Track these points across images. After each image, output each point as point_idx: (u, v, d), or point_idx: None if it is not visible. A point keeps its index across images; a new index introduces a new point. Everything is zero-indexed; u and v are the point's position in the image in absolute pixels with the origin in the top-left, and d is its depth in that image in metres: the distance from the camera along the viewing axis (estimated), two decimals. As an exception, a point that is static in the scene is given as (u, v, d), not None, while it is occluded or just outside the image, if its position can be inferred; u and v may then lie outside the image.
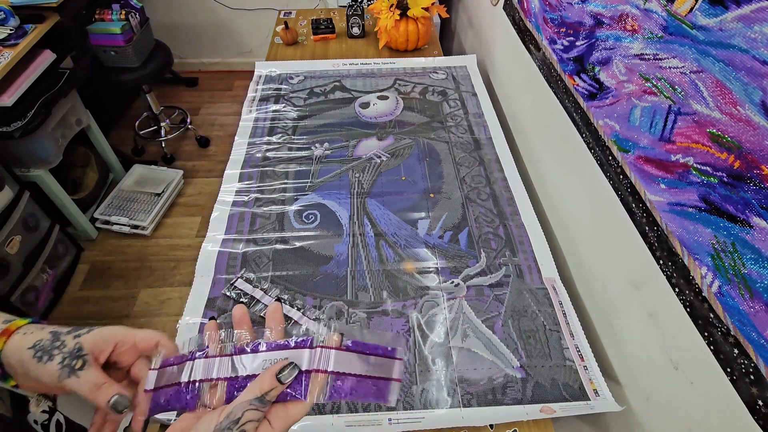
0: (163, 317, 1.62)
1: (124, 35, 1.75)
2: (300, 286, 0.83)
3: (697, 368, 0.56)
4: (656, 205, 0.60)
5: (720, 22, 0.49)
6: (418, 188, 1.02)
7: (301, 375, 0.36)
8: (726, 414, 0.51)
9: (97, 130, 1.87)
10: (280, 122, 1.19)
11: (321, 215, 0.96)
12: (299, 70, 1.38)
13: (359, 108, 1.24)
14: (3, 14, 1.38)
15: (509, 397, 0.69)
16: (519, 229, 0.93)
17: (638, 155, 0.64)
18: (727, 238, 0.49)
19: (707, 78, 0.51)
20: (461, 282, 0.84)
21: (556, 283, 0.85)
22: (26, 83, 1.38)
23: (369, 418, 0.67)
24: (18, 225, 1.43)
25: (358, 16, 1.53)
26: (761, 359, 0.45)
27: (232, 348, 0.39)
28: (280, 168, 1.06)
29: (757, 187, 0.45)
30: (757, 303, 0.45)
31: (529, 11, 1.03)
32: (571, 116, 0.84)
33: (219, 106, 2.55)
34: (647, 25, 0.61)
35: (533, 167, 1.09)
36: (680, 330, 0.57)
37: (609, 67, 0.70)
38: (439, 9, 1.46)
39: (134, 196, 1.93)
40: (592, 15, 0.75)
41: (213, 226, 0.94)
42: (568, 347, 0.75)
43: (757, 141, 0.45)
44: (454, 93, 1.30)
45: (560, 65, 0.87)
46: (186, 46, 2.62)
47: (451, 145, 1.13)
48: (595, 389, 0.70)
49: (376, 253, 0.89)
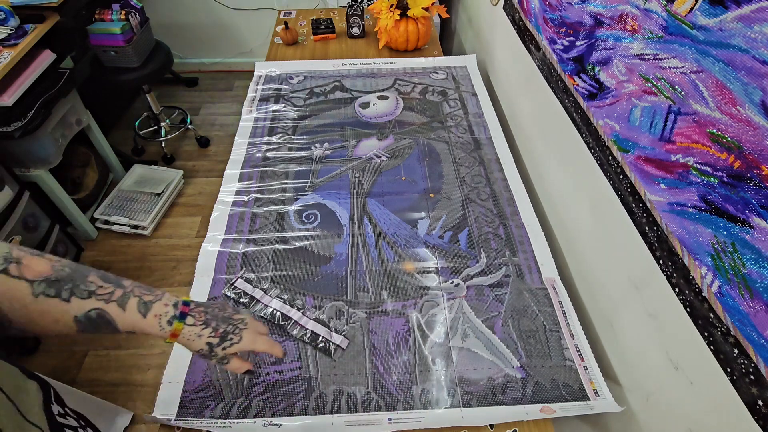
0: (163, 317, 1.62)
1: (124, 35, 1.74)
2: (300, 286, 0.83)
3: (697, 368, 0.56)
4: (656, 205, 0.60)
5: (720, 22, 0.49)
6: (418, 188, 1.02)
7: None
8: (726, 414, 0.51)
9: (97, 130, 1.87)
10: (280, 122, 1.19)
11: (321, 215, 0.96)
12: (299, 70, 1.38)
13: (359, 108, 1.24)
14: (3, 14, 1.38)
15: (509, 397, 0.69)
16: (519, 229, 0.93)
17: (638, 155, 0.64)
18: (727, 238, 0.49)
19: (707, 78, 0.51)
20: (461, 282, 0.84)
21: (556, 283, 0.85)
22: (26, 83, 1.38)
23: (369, 418, 0.67)
24: (18, 225, 1.43)
25: (358, 16, 1.53)
26: (761, 359, 0.45)
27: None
28: (280, 168, 1.06)
29: (757, 187, 0.45)
30: (757, 303, 0.45)
31: (529, 11, 1.03)
32: (571, 116, 0.84)
33: (219, 106, 2.55)
34: (647, 25, 0.61)
35: (533, 167, 1.09)
36: (680, 330, 0.57)
37: (609, 67, 0.70)
38: (439, 9, 1.46)
39: (134, 196, 1.93)
40: (592, 15, 0.75)
41: (213, 226, 0.94)
42: (568, 347, 0.75)
43: (757, 141, 0.45)
44: (454, 93, 1.30)
45: (560, 65, 0.87)
46: (186, 46, 2.62)
47: (451, 145, 1.13)
48: (595, 389, 0.70)
49: (376, 253, 0.89)
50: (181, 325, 0.52)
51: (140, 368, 1.47)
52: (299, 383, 0.71)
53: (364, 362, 0.73)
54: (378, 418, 0.67)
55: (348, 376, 0.71)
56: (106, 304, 0.47)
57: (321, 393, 0.70)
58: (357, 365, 0.73)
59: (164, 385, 0.70)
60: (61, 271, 0.45)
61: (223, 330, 0.55)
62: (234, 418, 0.67)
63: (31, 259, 0.44)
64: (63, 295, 0.44)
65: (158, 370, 1.46)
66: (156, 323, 0.50)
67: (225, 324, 0.55)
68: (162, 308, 0.51)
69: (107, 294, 0.47)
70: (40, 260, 0.45)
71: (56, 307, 0.44)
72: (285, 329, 0.77)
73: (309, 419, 0.67)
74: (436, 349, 0.75)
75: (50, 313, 0.44)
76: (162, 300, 0.51)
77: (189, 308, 0.53)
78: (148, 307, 0.50)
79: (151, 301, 0.50)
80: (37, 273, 0.44)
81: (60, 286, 0.44)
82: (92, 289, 0.46)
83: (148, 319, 0.49)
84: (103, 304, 0.47)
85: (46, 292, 0.44)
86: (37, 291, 0.43)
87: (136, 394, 1.42)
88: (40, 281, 0.44)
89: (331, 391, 0.70)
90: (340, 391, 0.70)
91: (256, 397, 0.69)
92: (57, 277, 0.45)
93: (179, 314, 0.52)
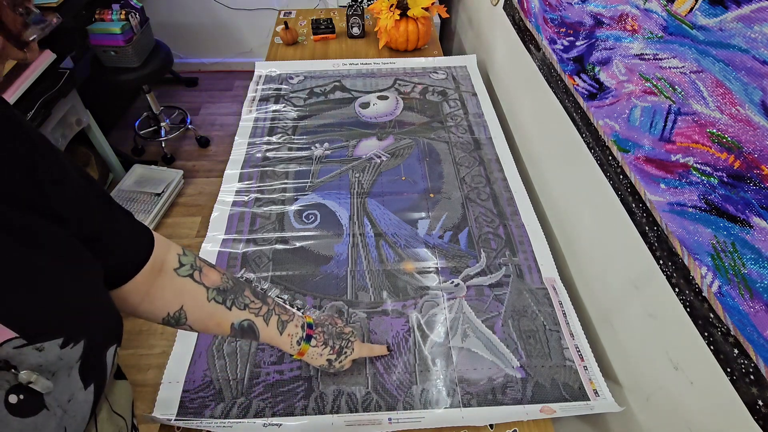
0: (163, 317, 1.62)
1: (124, 35, 1.74)
2: (300, 286, 0.83)
3: (697, 368, 0.56)
4: (656, 205, 0.60)
5: (720, 22, 0.49)
6: (418, 188, 1.02)
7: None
8: (726, 414, 0.51)
9: (97, 130, 1.87)
10: (280, 122, 1.19)
11: (321, 215, 0.96)
12: (299, 70, 1.38)
13: (359, 108, 1.24)
14: (3, 14, 1.38)
15: (509, 397, 0.69)
16: (519, 229, 0.93)
17: (638, 155, 0.64)
18: (727, 238, 0.49)
19: (707, 78, 0.51)
20: (461, 282, 0.84)
21: (556, 283, 0.85)
22: (26, 83, 1.38)
23: (369, 418, 0.67)
24: (18, 225, 1.42)
25: (358, 16, 1.53)
26: (761, 359, 0.45)
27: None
28: (280, 168, 1.06)
29: (757, 187, 0.45)
30: (757, 303, 0.45)
31: (529, 11, 1.03)
32: (571, 116, 0.84)
33: (219, 106, 2.55)
34: (647, 25, 0.61)
35: (533, 167, 1.09)
36: (680, 330, 0.57)
37: (609, 67, 0.70)
38: (439, 9, 1.46)
39: (134, 196, 1.93)
40: (592, 15, 0.75)
41: (213, 226, 0.94)
42: (568, 347, 0.75)
43: (757, 141, 0.45)
44: (454, 93, 1.30)
45: (560, 65, 0.87)
46: (186, 46, 2.62)
47: (451, 145, 1.13)
48: (595, 389, 0.70)
49: (376, 253, 0.89)
50: (308, 347, 0.61)
51: (140, 368, 1.47)
52: (299, 383, 0.71)
53: (364, 362, 0.73)
54: (378, 418, 0.67)
55: (348, 376, 0.71)
56: (256, 317, 0.56)
57: (321, 393, 0.70)
58: (357, 365, 0.73)
59: (164, 385, 0.70)
60: (227, 282, 0.54)
61: (339, 346, 0.64)
62: (234, 418, 0.67)
63: (209, 269, 0.53)
64: (227, 304, 0.53)
65: (158, 370, 1.46)
66: (288, 341, 0.59)
67: (339, 340, 0.64)
68: (294, 329, 0.60)
69: (257, 308, 0.56)
70: (214, 271, 0.53)
71: (221, 313, 0.53)
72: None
73: (309, 419, 0.67)
74: (436, 349, 0.75)
75: (215, 317, 0.53)
76: (293, 321, 0.60)
77: (313, 331, 0.62)
78: (284, 326, 0.59)
79: (287, 321, 0.59)
80: (213, 281, 0.52)
81: (226, 296, 0.53)
82: (247, 302, 0.55)
83: (283, 337, 0.59)
84: (254, 316, 0.56)
85: (217, 299, 0.52)
86: (210, 296, 0.52)
87: (136, 394, 1.41)
88: (214, 288, 0.52)
89: (331, 391, 0.70)
90: (340, 391, 0.70)
91: (256, 397, 0.69)
92: (224, 288, 0.53)
93: (306, 336, 0.61)
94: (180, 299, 0.50)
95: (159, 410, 0.67)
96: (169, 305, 0.50)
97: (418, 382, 0.71)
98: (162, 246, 0.49)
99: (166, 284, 0.49)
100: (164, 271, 0.49)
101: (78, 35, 1.72)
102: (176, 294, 0.50)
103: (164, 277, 0.49)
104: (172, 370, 0.72)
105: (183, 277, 0.50)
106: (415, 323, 0.78)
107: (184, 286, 0.50)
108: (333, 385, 0.71)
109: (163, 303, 0.50)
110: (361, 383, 0.71)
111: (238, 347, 0.75)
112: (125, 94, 2.48)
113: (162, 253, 0.49)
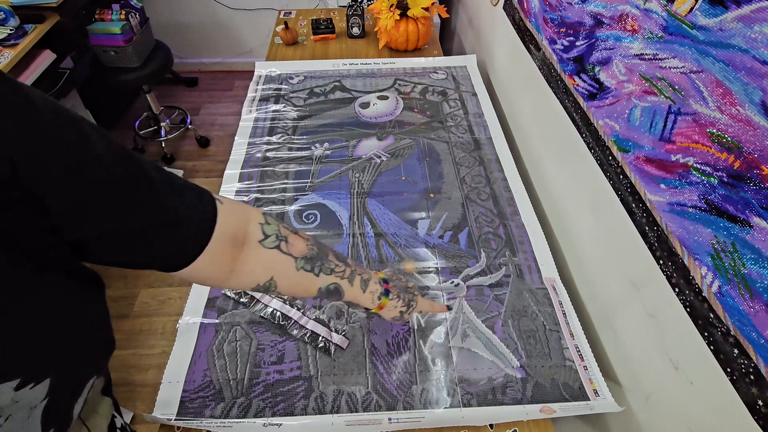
0: (163, 317, 1.62)
1: (124, 35, 1.74)
2: (300, 286, 0.83)
3: (697, 368, 0.56)
4: (656, 205, 0.60)
5: (720, 22, 0.49)
6: (418, 188, 1.02)
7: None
8: (726, 414, 0.51)
9: (97, 130, 1.87)
10: (280, 122, 1.19)
11: (321, 215, 0.96)
12: (299, 70, 1.38)
13: (359, 108, 1.24)
14: (3, 14, 1.38)
15: (509, 397, 0.69)
16: (519, 229, 0.93)
17: (638, 155, 0.64)
18: (727, 238, 0.49)
19: (707, 78, 0.51)
20: (461, 282, 0.84)
21: (556, 283, 0.85)
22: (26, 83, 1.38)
23: (369, 418, 0.67)
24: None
25: (358, 16, 1.53)
26: (761, 359, 0.45)
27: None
28: (280, 168, 1.06)
29: (757, 187, 0.45)
30: (757, 303, 0.45)
31: (529, 11, 1.03)
32: (571, 116, 0.84)
33: (219, 106, 2.55)
34: (647, 25, 0.61)
35: (533, 167, 1.09)
36: (680, 330, 0.57)
37: (609, 67, 0.70)
38: (439, 9, 1.46)
39: (134, 196, 1.93)
40: (592, 15, 0.75)
41: (213, 226, 0.93)
42: (568, 347, 0.75)
43: (757, 141, 0.45)
44: (454, 93, 1.30)
45: (560, 65, 0.87)
46: (186, 46, 2.62)
47: (451, 145, 1.13)
48: (595, 389, 0.70)
49: (376, 253, 0.89)
50: (387, 300, 0.63)
51: (140, 368, 1.47)
52: (299, 383, 0.71)
53: (364, 362, 0.73)
54: (378, 418, 0.67)
55: (348, 376, 0.71)
56: (341, 280, 0.57)
57: (321, 393, 0.70)
58: (357, 365, 0.73)
59: (164, 385, 0.70)
60: (312, 249, 0.53)
61: (408, 299, 0.66)
62: (234, 417, 0.67)
63: (294, 238, 0.52)
64: (315, 271, 0.53)
65: (158, 370, 1.46)
66: (370, 298, 0.61)
67: (407, 294, 0.66)
68: (374, 286, 0.61)
69: (342, 271, 0.57)
70: (299, 239, 0.52)
71: (309, 279, 0.53)
72: (285, 329, 0.77)
73: (309, 419, 0.67)
74: (436, 349, 0.75)
75: (303, 284, 0.53)
76: (373, 279, 0.62)
77: (388, 285, 0.64)
78: (366, 284, 0.60)
79: (368, 279, 0.61)
80: (299, 251, 0.51)
81: (313, 263, 0.53)
82: (332, 267, 0.55)
83: (366, 294, 0.60)
84: (339, 279, 0.56)
85: (305, 267, 0.52)
86: (299, 266, 0.51)
87: (136, 394, 1.42)
88: (301, 258, 0.51)
89: (331, 391, 0.70)
90: (340, 391, 0.70)
91: (256, 397, 0.69)
92: (311, 256, 0.53)
93: (384, 291, 0.63)
94: (269, 271, 0.49)
95: (159, 410, 0.67)
96: (258, 278, 0.49)
97: (418, 382, 0.71)
98: (240, 216, 0.46)
99: (252, 257, 0.47)
100: (248, 243, 0.47)
101: (78, 35, 1.72)
102: (265, 267, 0.49)
103: (249, 250, 0.47)
104: (172, 370, 0.72)
105: (269, 248, 0.48)
106: (415, 323, 0.78)
107: (271, 258, 0.49)
108: (333, 385, 0.71)
109: (253, 277, 0.49)
110: (361, 383, 0.71)
111: (238, 347, 0.75)
112: (125, 94, 2.48)
113: (242, 225, 0.46)
